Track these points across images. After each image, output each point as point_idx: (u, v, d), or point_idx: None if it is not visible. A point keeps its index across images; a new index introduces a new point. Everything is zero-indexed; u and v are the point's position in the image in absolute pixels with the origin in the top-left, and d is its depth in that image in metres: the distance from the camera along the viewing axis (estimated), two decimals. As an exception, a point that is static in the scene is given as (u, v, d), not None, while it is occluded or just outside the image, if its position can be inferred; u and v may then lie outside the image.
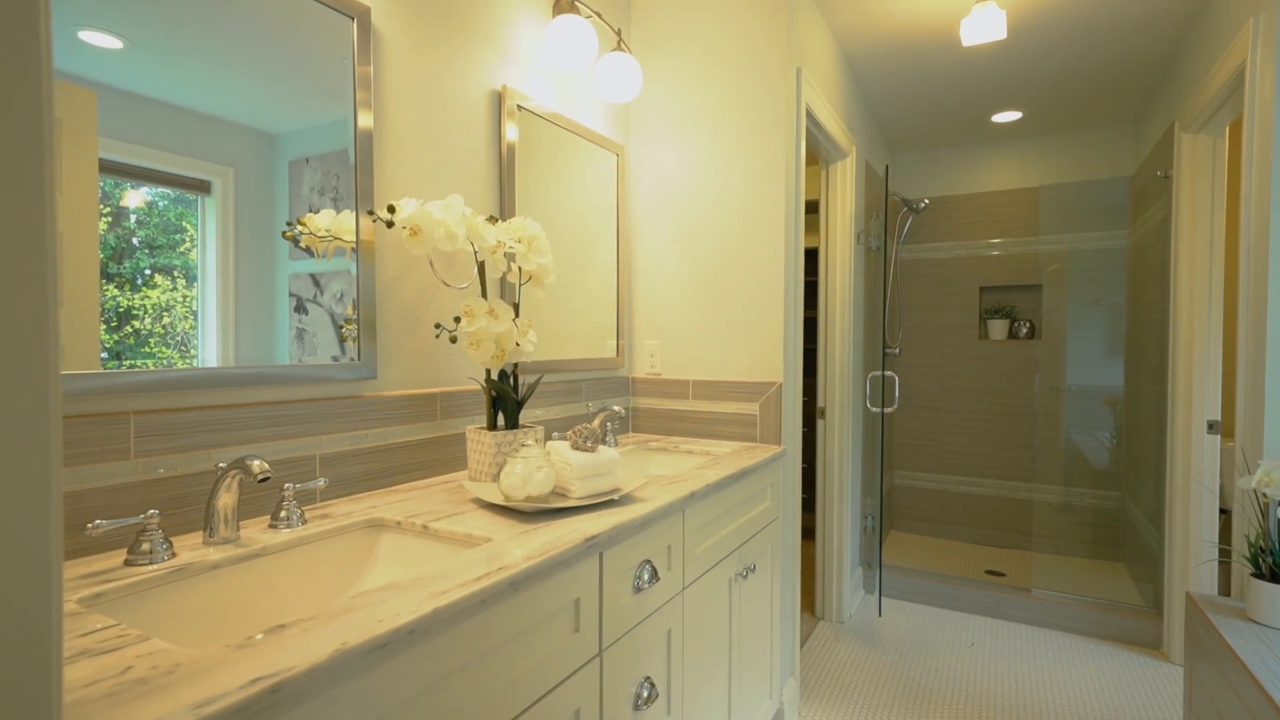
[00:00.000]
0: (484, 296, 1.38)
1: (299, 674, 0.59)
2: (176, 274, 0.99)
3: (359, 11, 1.26)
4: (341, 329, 1.25)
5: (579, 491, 1.18)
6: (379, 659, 0.67)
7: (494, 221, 1.36)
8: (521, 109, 1.69)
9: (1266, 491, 1.43)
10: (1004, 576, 3.24)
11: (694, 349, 2.10)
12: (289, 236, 1.16)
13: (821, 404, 2.77)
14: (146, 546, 0.87)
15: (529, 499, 1.14)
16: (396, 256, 1.37)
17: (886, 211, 2.83)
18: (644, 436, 2.11)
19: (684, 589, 1.34)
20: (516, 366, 1.45)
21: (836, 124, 2.49)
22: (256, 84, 1.10)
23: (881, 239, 3.06)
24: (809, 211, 3.82)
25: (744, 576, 1.63)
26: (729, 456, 1.73)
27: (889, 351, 2.82)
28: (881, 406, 2.78)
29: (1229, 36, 1.98)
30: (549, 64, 1.82)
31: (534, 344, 1.40)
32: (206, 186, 1.03)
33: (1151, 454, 2.79)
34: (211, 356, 1.04)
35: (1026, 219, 3.62)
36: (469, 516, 1.12)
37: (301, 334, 1.19)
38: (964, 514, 3.82)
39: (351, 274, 1.26)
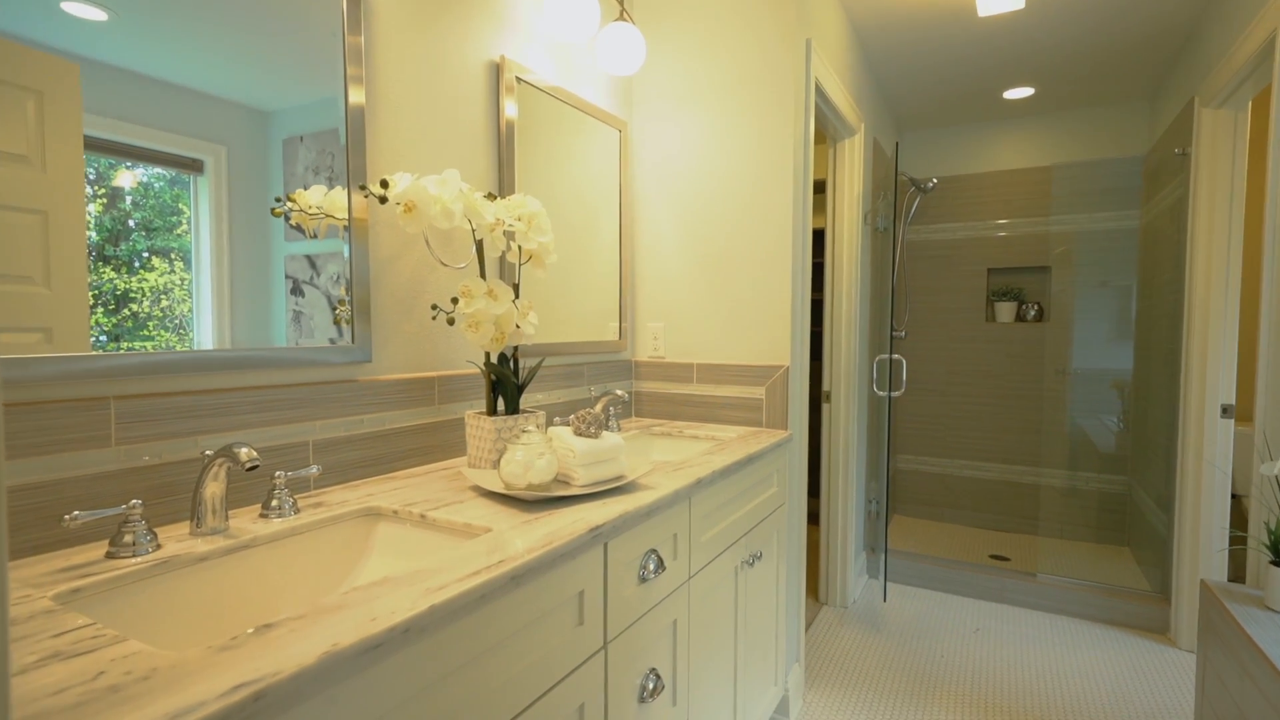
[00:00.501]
0: (482, 277, 1.32)
1: (285, 679, 0.55)
2: (174, 256, 0.97)
3: (348, -25, 1.19)
4: (336, 310, 1.20)
5: (582, 479, 1.14)
6: (372, 660, 0.63)
7: (492, 198, 1.30)
8: (521, 82, 1.62)
9: (1290, 478, 1.39)
10: (1008, 561, 3.22)
11: (698, 331, 2.04)
12: (278, 213, 1.11)
13: (827, 388, 2.72)
14: (129, 538, 0.82)
15: (530, 487, 1.10)
16: (391, 235, 1.32)
17: (896, 191, 2.76)
18: (647, 421, 2.07)
19: (690, 578, 1.30)
20: (517, 349, 1.40)
21: (845, 99, 2.41)
22: (246, 59, 1.05)
23: (890, 219, 2.99)
24: (815, 191, 3.74)
25: (750, 564, 1.59)
26: (735, 442, 1.69)
27: (897, 334, 2.76)
28: (889, 390, 2.73)
29: (1258, 3, 1.90)
30: (549, 34, 1.75)
31: (535, 326, 1.35)
32: (199, 165, 1.00)
33: (1161, 438, 2.75)
34: (207, 340, 1.01)
35: (1036, 199, 3.55)
36: (468, 505, 1.08)
37: (298, 317, 1.14)
38: (968, 498, 3.79)
39: (344, 253, 1.21)
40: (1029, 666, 2.30)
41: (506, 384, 1.35)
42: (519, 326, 1.32)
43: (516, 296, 1.37)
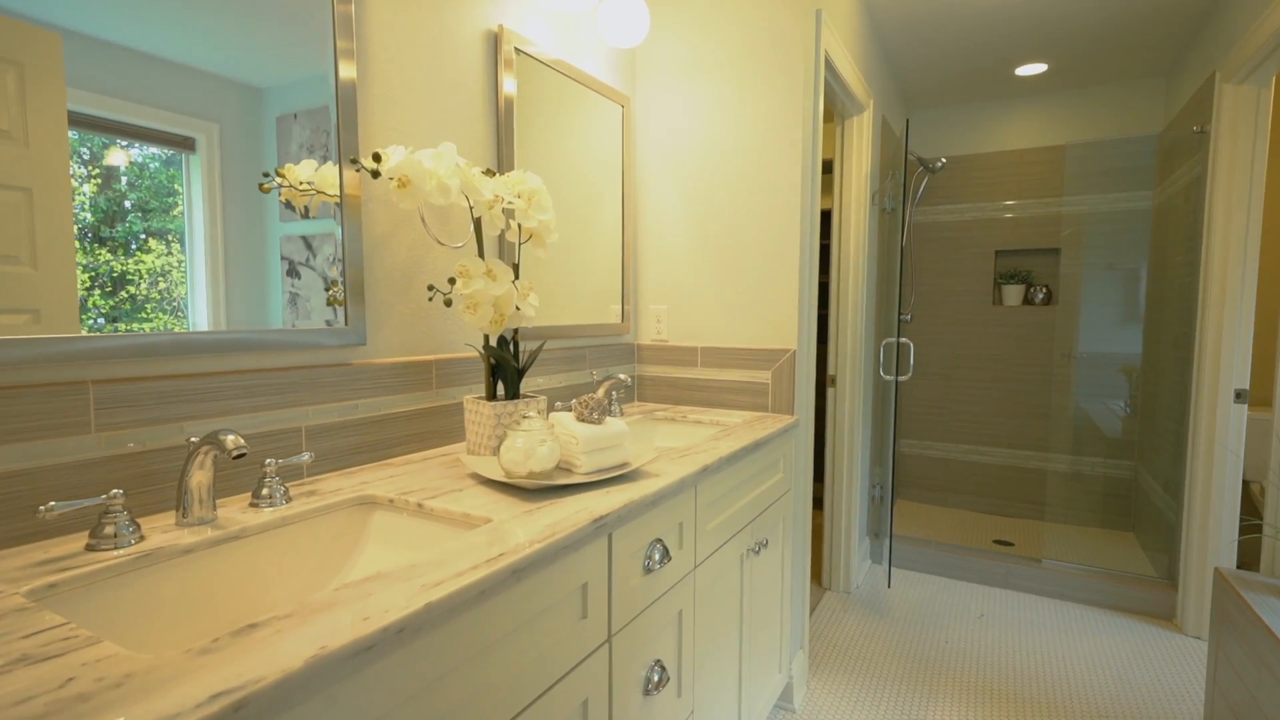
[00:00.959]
0: (481, 256, 1.27)
1: (268, 686, 0.51)
2: (170, 238, 0.93)
3: (336, -65, 1.12)
4: (329, 291, 1.16)
5: (585, 466, 1.09)
6: (364, 662, 0.59)
7: (491, 174, 1.25)
8: (520, 53, 1.56)
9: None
10: (1013, 546, 3.20)
11: (703, 314, 1.99)
12: (266, 188, 1.06)
13: (832, 372, 2.68)
14: (110, 530, 0.78)
15: (531, 475, 1.06)
16: (385, 212, 1.26)
17: (906, 170, 2.69)
18: (650, 406, 2.03)
19: (695, 568, 1.27)
20: (517, 332, 1.35)
21: (854, 74, 2.34)
22: (236, 31, 1.00)
23: (898, 200, 2.92)
24: (823, 171, 3.67)
25: (755, 552, 1.56)
26: (741, 427, 1.65)
27: (902, 318, 2.71)
28: (895, 374, 2.69)
29: (1286, -26, 1.82)
30: (549, 3, 1.67)
31: (535, 308, 1.30)
32: (190, 144, 0.96)
33: (1171, 422, 2.71)
34: (202, 322, 0.97)
35: (1047, 179, 3.47)
36: (467, 494, 1.04)
37: (294, 298, 1.10)
38: (973, 483, 3.76)
39: (336, 232, 1.16)
40: (1033, 652, 2.29)
41: (506, 368, 1.31)
42: (519, 308, 1.27)
43: (516, 277, 1.32)
